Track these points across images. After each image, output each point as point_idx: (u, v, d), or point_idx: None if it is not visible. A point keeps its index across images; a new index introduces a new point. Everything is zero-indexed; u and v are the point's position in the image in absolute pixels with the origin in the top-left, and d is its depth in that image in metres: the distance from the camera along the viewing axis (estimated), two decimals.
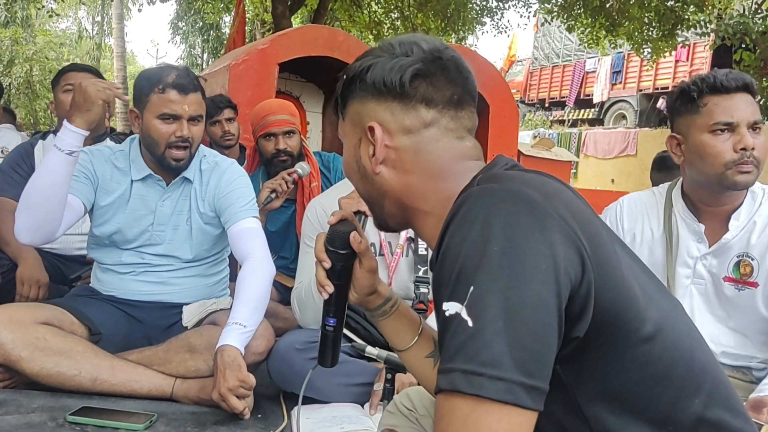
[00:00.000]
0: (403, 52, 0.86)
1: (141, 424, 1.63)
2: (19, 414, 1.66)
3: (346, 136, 0.92)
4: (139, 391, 1.82)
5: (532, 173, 0.78)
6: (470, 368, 0.62)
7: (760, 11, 9.49)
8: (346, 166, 0.94)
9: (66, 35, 25.56)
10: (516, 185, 0.71)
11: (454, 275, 0.67)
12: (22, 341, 1.74)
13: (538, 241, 0.66)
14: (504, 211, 0.68)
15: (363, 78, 0.87)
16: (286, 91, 4.97)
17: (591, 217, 0.75)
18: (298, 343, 1.88)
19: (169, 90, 1.91)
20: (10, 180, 2.50)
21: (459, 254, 0.67)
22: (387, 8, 11.75)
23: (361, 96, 0.88)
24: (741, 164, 1.52)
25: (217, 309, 2.08)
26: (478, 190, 0.72)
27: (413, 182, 0.87)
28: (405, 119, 0.86)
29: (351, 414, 1.80)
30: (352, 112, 0.90)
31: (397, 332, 1.07)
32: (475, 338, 0.63)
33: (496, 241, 0.65)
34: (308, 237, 2.04)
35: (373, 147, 0.87)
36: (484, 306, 0.63)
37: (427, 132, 0.86)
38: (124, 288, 2.02)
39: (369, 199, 0.92)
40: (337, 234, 0.99)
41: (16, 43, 17.28)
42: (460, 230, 0.69)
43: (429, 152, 0.86)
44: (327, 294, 1.00)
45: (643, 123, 14.53)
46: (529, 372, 0.62)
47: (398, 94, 0.85)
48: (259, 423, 1.76)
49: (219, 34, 20.96)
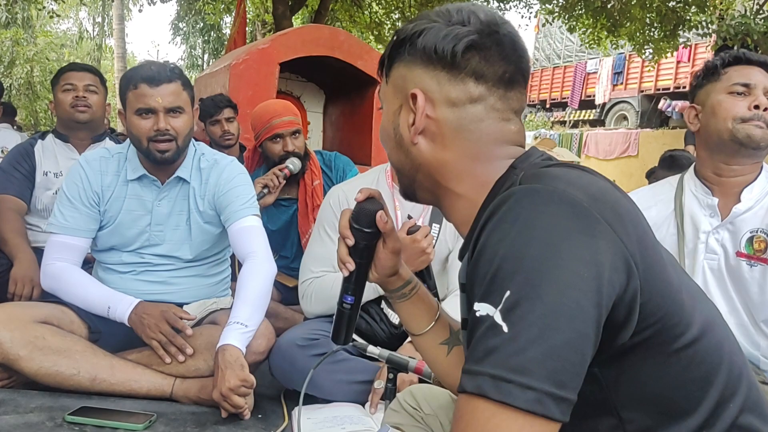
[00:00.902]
0: (459, 20, 0.81)
1: (140, 424, 1.62)
2: (17, 414, 1.64)
3: (386, 101, 0.88)
4: (138, 390, 1.80)
5: (577, 170, 0.73)
6: (500, 374, 0.60)
7: (761, 12, 9.49)
8: (383, 132, 0.89)
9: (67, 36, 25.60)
10: (561, 185, 0.67)
11: (489, 276, 0.64)
12: (21, 340, 1.73)
13: (582, 248, 0.63)
14: (547, 213, 0.65)
15: (414, 42, 0.82)
16: (287, 91, 4.96)
17: (638, 219, 0.71)
18: (299, 340, 1.88)
19: (140, 84, 1.88)
20: (11, 178, 2.50)
21: (496, 255, 0.64)
22: (388, 9, 11.75)
23: (409, 60, 0.83)
24: (753, 119, 1.58)
25: (218, 309, 2.07)
26: (521, 189, 0.68)
27: (450, 160, 0.83)
28: (451, 91, 0.81)
29: (352, 414, 1.78)
30: (397, 76, 0.85)
31: (414, 316, 1.04)
32: (508, 344, 0.60)
33: (536, 246, 0.63)
34: (327, 224, 2.04)
35: (413, 115, 0.82)
36: (520, 312, 0.61)
37: (473, 108, 0.82)
38: (125, 287, 2.00)
39: (400, 168, 0.88)
40: (364, 211, 0.96)
41: (17, 44, 17.30)
42: (499, 230, 0.66)
43: (471, 131, 0.82)
44: (347, 271, 0.98)
45: (645, 124, 14.51)
46: (561, 383, 0.60)
47: (448, 63, 0.80)
48: (259, 423, 1.74)
49: (220, 34, 20.99)
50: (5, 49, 17.24)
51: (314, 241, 2.07)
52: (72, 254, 1.96)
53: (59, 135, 2.62)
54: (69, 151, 2.60)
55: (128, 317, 1.86)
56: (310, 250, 2.06)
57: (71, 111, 2.54)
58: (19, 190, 2.49)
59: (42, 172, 2.54)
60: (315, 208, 2.62)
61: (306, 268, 2.03)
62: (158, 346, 1.82)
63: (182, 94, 1.94)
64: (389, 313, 1.98)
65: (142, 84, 1.88)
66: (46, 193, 2.54)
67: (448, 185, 0.84)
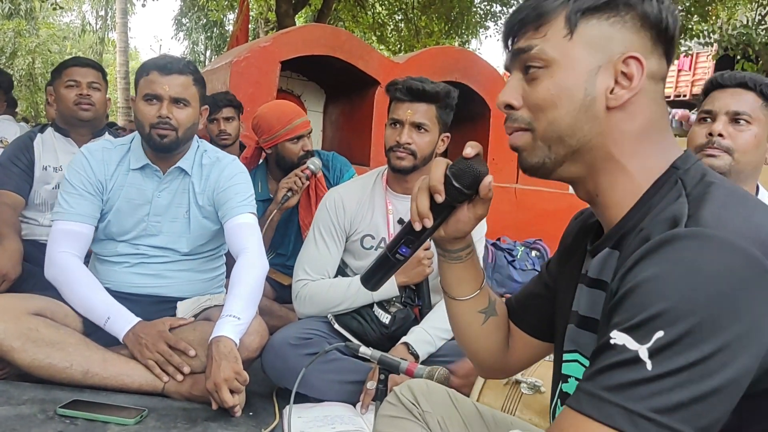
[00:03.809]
0: None
1: (132, 419, 1.63)
2: (9, 406, 1.65)
3: (566, 57, 0.77)
4: (131, 385, 1.81)
5: (743, 203, 0.70)
6: (637, 410, 0.59)
7: (763, 23, 9.50)
8: (559, 93, 0.77)
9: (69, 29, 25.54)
10: (732, 235, 0.64)
11: (644, 313, 0.62)
12: (15, 332, 1.74)
13: (748, 300, 0.62)
14: (717, 262, 0.62)
15: (633, 4, 0.76)
16: (288, 90, 4.96)
17: None
18: (292, 338, 1.89)
19: (151, 71, 1.95)
20: (10, 173, 2.49)
21: (656, 293, 0.62)
22: (391, 10, 11.77)
23: (620, 20, 0.77)
24: (707, 148, 1.59)
25: (212, 305, 2.07)
26: (690, 232, 0.65)
27: (634, 133, 0.78)
28: (654, 64, 0.78)
29: (343, 414, 1.79)
30: (597, 34, 0.77)
31: (462, 280, 1.01)
32: (652, 383, 0.60)
33: (702, 293, 0.61)
34: (323, 227, 2.05)
35: (615, 80, 0.76)
36: (672, 354, 0.60)
37: (659, 87, 0.79)
38: (119, 280, 2.01)
39: (568, 135, 0.78)
40: (471, 170, 0.88)
41: (19, 36, 17.29)
42: (660, 268, 0.64)
43: (654, 109, 0.79)
44: (420, 226, 0.90)
45: None
46: (701, 427, 0.60)
47: (662, 36, 0.78)
48: (250, 421, 1.75)
49: (222, 31, 20.97)
50: (7, 40, 17.23)
51: (310, 243, 2.07)
52: (77, 244, 1.97)
53: (59, 129, 2.61)
54: (69, 146, 2.59)
55: (125, 335, 1.85)
56: (306, 250, 2.07)
57: (74, 109, 2.53)
58: (17, 184, 2.48)
59: (41, 166, 2.53)
60: (318, 201, 2.61)
61: (301, 268, 2.04)
62: (154, 365, 1.82)
63: (191, 88, 1.98)
64: (380, 314, 1.99)
65: (153, 71, 1.94)
66: (44, 188, 2.53)
67: (621, 159, 0.78)
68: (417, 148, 1.94)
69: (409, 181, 2.02)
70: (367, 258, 2.05)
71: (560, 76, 0.78)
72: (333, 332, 1.96)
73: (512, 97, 0.82)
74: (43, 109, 17.82)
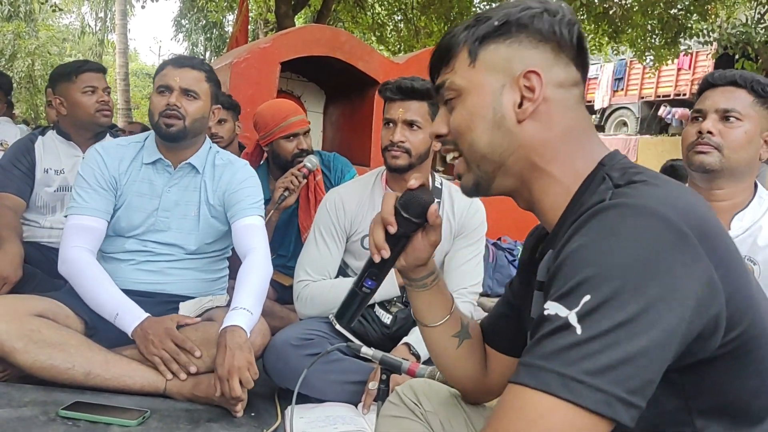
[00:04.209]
0: (556, 9, 0.83)
1: (134, 420, 1.63)
2: (11, 408, 1.65)
3: (473, 84, 0.85)
4: (132, 386, 1.81)
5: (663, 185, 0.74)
6: (570, 373, 0.61)
7: (762, 21, 9.51)
8: (471, 117, 0.85)
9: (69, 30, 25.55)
10: (653, 202, 0.68)
11: (571, 281, 0.65)
12: (17, 333, 1.74)
13: (669, 263, 0.64)
14: (638, 227, 0.66)
15: (524, 23, 0.82)
16: (288, 90, 4.96)
17: (722, 234, 0.72)
18: (293, 339, 1.89)
19: (166, 67, 2.05)
20: (11, 176, 2.48)
21: (581, 261, 0.66)
22: (390, 10, 11.75)
23: (515, 41, 0.83)
24: (697, 145, 1.60)
25: (214, 306, 2.07)
26: (613, 203, 0.70)
27: (552, 141, 0.83)
28: (560, 73, 0.83)
29: (345, 414, 1.79)
30: (496, 57, 0.83)
31: (431, 307, 1.03)
32: (582, 346, 0.61)
33: (624, 256, 0.64)
34: (323, 228, 2.06)
35: (520, 95, 0.82)
36: (598, 317, 0.62)
37: (574, 91, 0.84)
38: (124, 277, 2.02)
39: (489, 154, 0.84)
40: (416, 200, 0.93)
41: (19, 37, 17.29)
42: (586, 237, 0.67)
43: (572, 115, 0.84)
44: (379, 258, 0.95)
45: (644, 130, 14.53)
46: (632, 389, 0.61)
47: (560, 46, 0.83)
48: (252, 421, 1.75)
49: (222, 32, 20.97)
50: (7, 42, 17.23)
51: (310, 243, 2.08)
52: (90, 238, 1.99)
53: (61, 132, 2.59)
54: (71, 149, 2.58)
55: (133, 330, 1.86)
56: (306, 251, 2.08)
57: (97, 115, 2.51)
58: (18, 187, 2.47)
59: (42, 168, 2.53)
60: (317, 203, 2.62)
61: (302, 269, 2.04)
62: (160, 362, 1.83)
63: (202, 83, 2.05)
64: (381, 314, 1.99)
65: (168, 66, 2.05)
66: (46, 190, 2.53)
67: (546, 167, 0.83)
68: (411, 146, 1.95)
69: (408, 180, 2.02)
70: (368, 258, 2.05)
71: (470, 101, 0.85)
72: (334, 333, 1.96)
73: (439, 128, 0.90)
74: (42, 111, 17.84)
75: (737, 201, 1.63)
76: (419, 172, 1.98)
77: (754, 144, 1.59)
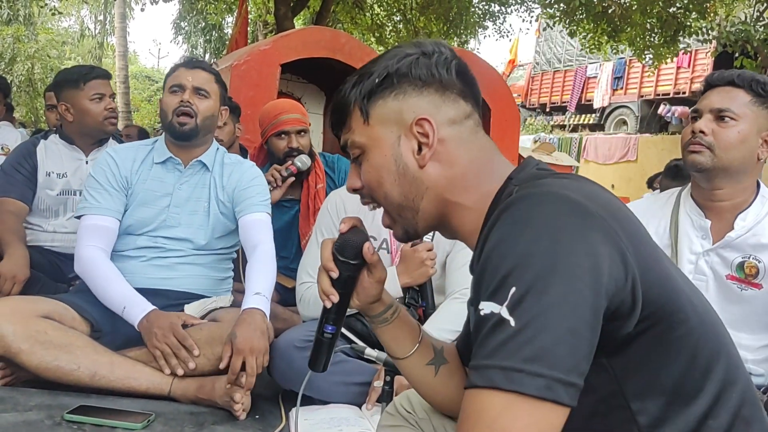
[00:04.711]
0: (435, 50, 0.87)
1: (138, 424, 1.63)
2: (16, 412, 1.65)
3: (372, 140, 0.88)
4: (137, 388, 1.82)
5: (567, 177, 0.78)
6: (510, 365, 0.63)
7: (761, 19, 9.50)
8: (377, 171, 0.88)
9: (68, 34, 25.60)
10: (555, 188, 0.72)
11: (496, 277, 0.67)
12: (23, 334, 1.75)
13: (580, 241, 0.67)
14: (544, 212, 0.69)
15: (403, 72, 0.86)
16: (288, 92, 4.96)
17: (630, 216, 0.76)
18: (297, 341, 1.89)
19: (178, 68, 2.14)
20: (13, 180, 2.49)
21: (498, 256, 0.68)
22: (389, 11, 11.76)
23: (399, 91, 0.86)
24: (690, 144, 1.61)
25: (218, 307, 2.09)
26: (519, 195, 0.73)
27: (458, 175, 0.86)
28: (449, 111, 0.86)
29: (349, 416, 1.80)
30: (386, 111, 0.87)
31: (397, 340, 1.04)
32: (517, 336, 0.63)
33: (536, 241, 0.66)
34: (325, 229, 2.08)
35: (417, 142, 0.85)
36: (526, 305, 0.64)
37: (468, 123, 0.88)
38: (134, 274, 2.04)
39: (403, 202, 0.88)
40: (349, 243, 0.96)
41: (18, 41, 17.29)
42: (499, 233, 0.70)
43: (472, 143, 0.87)
44: (330, 303, 0.97)
45: (644, 129, 14.52)
46: (568, 368, 0.63)
47: (441, 87, 0.86)
48: (256, 423, 1.76)
49: (221, 34, 20.97)
50: (6, 45, 17.23)
51: (312, 245, 2.09)
52: (103, 237, 2.04)
53: (64, 136, 2.59)
54: (75, 153, 2.59)
55: (139, 322, 1.88)
56: (308, 253, 2.09)
57: (105, 123, 2.51)
58: (20, 192, 2.48)
59: (45, 172, 2.54)
60: (316, 211, 2.63)
61: (304, 271, 2.05)
62: (160, 356, 1.84)
63: (212, 84, 2.15)
64: None
65: (180, 68, 2.14)
66: (48, 194, 2.54)
67: (457, 200, 0.87)
68: None
69: None
70: None
71: (373, 157, 0.88)
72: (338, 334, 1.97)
73: (353, 183, 0.93)
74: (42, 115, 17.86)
75: (739, 200, 1.63)
76: None
77: (748, 144, 1.59)
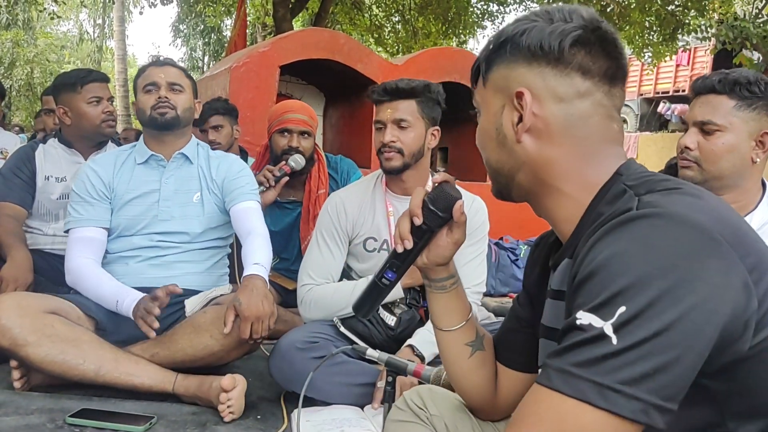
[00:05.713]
0: (561, 18, 0.81)
1: (140, 426, 1.63)
2: (18, 415, 1.65)
3: (484, 104, 0.89)
4: (141, 386, 1.82)
5: (694, 195, 0.73)
6: (606, 383, 0.61)
7: (760, 16, 9.51)
8: (481, 134, 0.89)
9: (67, 38, 25.60)
10: (683, 210, 0.68)
11: (605, 292, 0.64)
12: (30, 327, 1.76)
13: (701, 270, 0.64)
14: (671, 237, 0.65)
15: (516, 41, 0.82)
16: (287, 94, 4.97)
17: (756, 242, 0.72)
18: (299, 342, 1.89)
19: (147, 68, 2.19)
20: (12, 185, 2.49)
21: (615, 272, 0.65)
22: (388, 11, 11.78)
23: (511, 60, 0.83)
24: (681, 159, 1.60)
25: (219, 294, 2.11)
26: (645, 213, 0.68)
27: (557, 157, 0.82)
28: (558, 87, 0.81)
29: (351, 417, 1.80)
30: (497, 77, 0.85)
31: (448, 311, 1.03)
32: (618, 356, 0.61)
33: (657, 267, 0.63)
34: (325, 231, 2.07)
35: (518, 114, 0.82)
36: (634, 328, 0.62)
37: (581, 104, 0.81)
38: (132, 274, 2.05)
39: (499, 169, 0.88)
40: (444, 196, 0.95)
41: (17, 46, 17.33)
42: (617, 246, 0.67)
43: (579, 127, 0.81)
44: (402, 248, 0.96)
45: (644, 127, 14.54)
46: (667, 397, 0.62)
47: (554, 59, 0.80)
48: (258, 425, 1.75)
49: (220, 37, 21.00)
50: (6, 50, 17.26)
51: (313, 247, 2.08)
52: (92, 248, 2.07)
53: (63, 140, 2.59)
54: (74, 156, 2.59)
55: (132, 310, 1.90)
56: (309, 255, 2.08)
57: (102, 126, 2.51)
58: (19, 196, 2.48)
59: (44, 176, 2.54)
60: (317, 216, 2.63)
61: (305, 272, 2.05)
62: (143, 323, 1.86)
63: (184, 79, 2.20)
64: (385, 316, 1.99)
65: (149, 68, 2.18)
66: (48, 197, 2.54)
67: (554, 183, 0.83)
68: (402, 145, 1.95)
69: (405, 181, 2.03)
70: (371, 260, 2.05)
71: (481, 120, 0.90)
72: (339, 335, 1.97)
73: None
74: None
75: (743, 203, 1.59)
76: (415, 171, 2.00)
77: (737, 151, 1.54)
